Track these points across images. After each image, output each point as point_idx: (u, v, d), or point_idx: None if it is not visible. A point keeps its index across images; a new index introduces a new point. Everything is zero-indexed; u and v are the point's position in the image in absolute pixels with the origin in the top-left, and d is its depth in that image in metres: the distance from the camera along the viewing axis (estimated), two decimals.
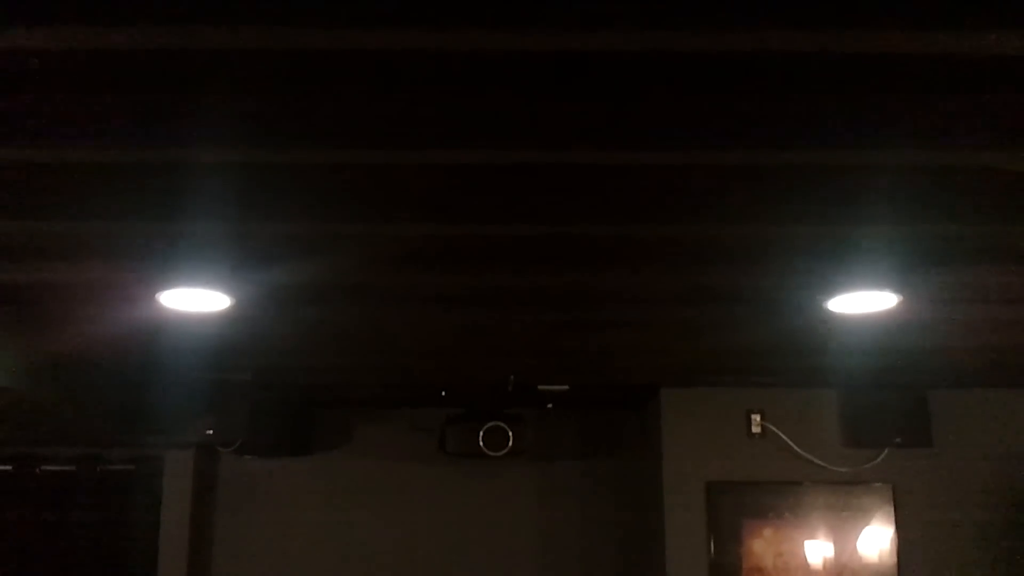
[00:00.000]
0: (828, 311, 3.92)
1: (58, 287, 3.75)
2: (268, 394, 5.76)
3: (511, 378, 5.41)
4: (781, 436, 5.78)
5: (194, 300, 3.76)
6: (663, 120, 2.41)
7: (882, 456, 5.74)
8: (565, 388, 5.88)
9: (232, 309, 3.88)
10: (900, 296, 3.74)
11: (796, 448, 5.76)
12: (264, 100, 2.32)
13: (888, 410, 5.68)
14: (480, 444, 6.00)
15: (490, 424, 6.01)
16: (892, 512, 5.71)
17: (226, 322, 4.15)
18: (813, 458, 5.75)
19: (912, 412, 5.69)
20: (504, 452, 5.99)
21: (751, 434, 5.81)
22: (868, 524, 5.70)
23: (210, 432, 6.10)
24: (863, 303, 3.82)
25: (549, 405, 6.40)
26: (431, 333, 4.56)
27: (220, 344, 4.67)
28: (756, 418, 5.81)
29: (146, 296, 3.73)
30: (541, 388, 5.84)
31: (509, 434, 5.99)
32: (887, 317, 4.02)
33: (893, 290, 3.68)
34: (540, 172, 2.75)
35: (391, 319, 4.29)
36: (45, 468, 6.31)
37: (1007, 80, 2.23)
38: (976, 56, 2.12)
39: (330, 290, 3.87)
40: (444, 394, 6.04)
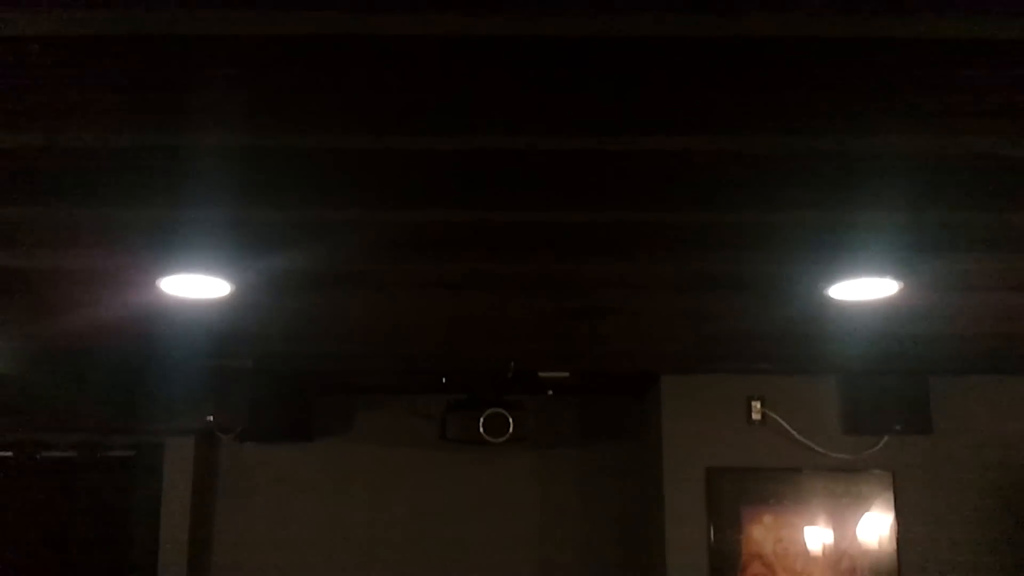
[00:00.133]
0: (829, 298, 3.92)
1: (58, 273, 3.75)
2: (269, 381, 5.76)
3: (511, 365, 5.41)
4: (781, 423, 5.78)
5: (194, 286, 3.76)
6: (663, 106, 2.40)
7: (882, 443, 5.75)
8: (566, 375, 5.88)
9: (232, 295, 3.88)
10: (901, 283, 3.74)
11: (796, 435, 5.76)
12: (264, 85, 2.31)
13: (888, 397, 5.69)
14: (480, 430, 6.00)
15: (491, 411, 6.00)
16: (892, 499, 5.72)
17: (226, 308, 4.15)
18: (813, 445, 5.76)
19: (912, 399, 5.70)
20: (504, 438, 5.99)
21: (751, 421, 5.82)
22: (868, 510, 5.71)
23: (211, 418, 6.11)
24: (864, 290, 3.82)
25: (550, 392, 6.40)
26: (432, 319, 4.56)
27: (220, 330, 4.67)
28: (756, 405, 5.81)
29: (146, 282, 3.73)
30: (542, 375, 5.84)
31: (509, 420, 5.99)
32: (888, 304, 4.02)
33: (894, 277, 3.68)
34: (540, 158, 2.74)
35: (392, 305, 4.29)
36: (46, 455, 6.31)
37: (1009, 66, 2.22)
38: (977, 41, 2.11)
39: (330, 276, 3.86)
40: (444, 380, 6.05)
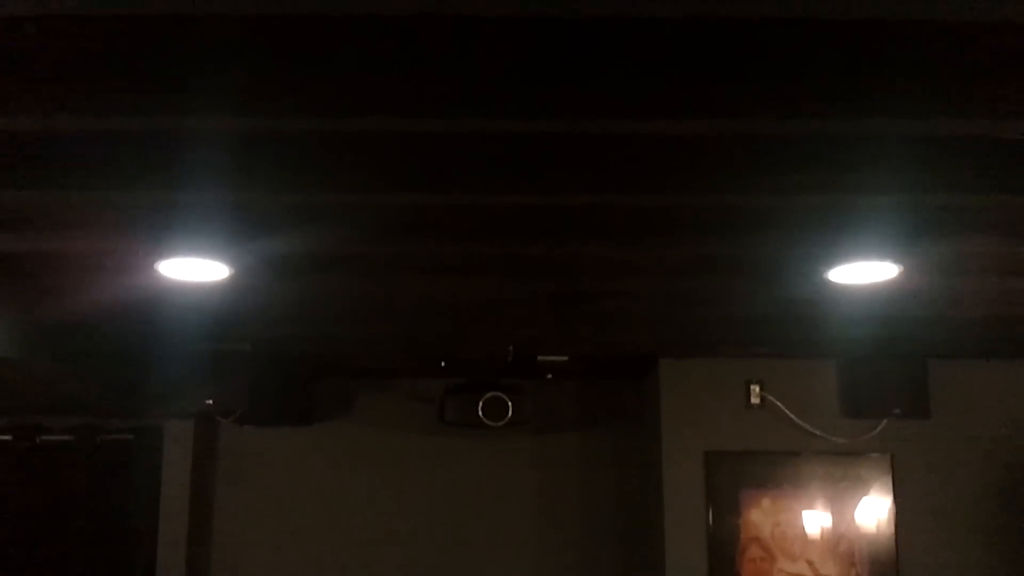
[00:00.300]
0: (828, 281, 3.92)
1: (56, 257, 3.74)
2: (268, 364, 5.76)
3: (510, 348, 5.41)
4: (780, 406, 5.79)
5: (193, 270, 3.75)
6: (664, 90, 2.39)
7: (881, 426, 5.75)
8: (564, 358, 5.88)
9: (231, 279, 3.88)
10: (900, 266, 3.73)
11: (795, 418, 5.77)
12: (263, 68, 2.30)
13: (887, 381, 5.69)
14: (479, 414, 6.01)
15: (489, 394, 6.01)
16: (890, 482, 5.73)
17: (225, 292, 4.14)
18: (812, 428, 5.76)
19: (911, 383, 5.70)
20: (503, 422, 6.00)
21: (750, 404, 5.82)
22: (866, 494, 5.72)
23: (210, 402, 6.11)
24: (863, 273, 3.81)
25: (548, 375, 6.41)
26: (430, 303, 4.56)
27: (219, 314, 4.67)
28: (755, 388, 5.81)
29: (145, 266, 3.72)
30: (540, 359, 5.85)
31: (508, 404, 6.00)
32: (887, 287, 4.02)
33: (893, 260, 3.67)
34: (541, 142, 2.74)
35: (391, 289, 4.29)
36: (44, 438, 6.33)
37: (1010, 48, 2.21)
38: (979, 24, 2.11)
39: (329, 260, 3.86)
40: (444, 364, 6.05)
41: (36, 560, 6.22)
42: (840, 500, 5.72)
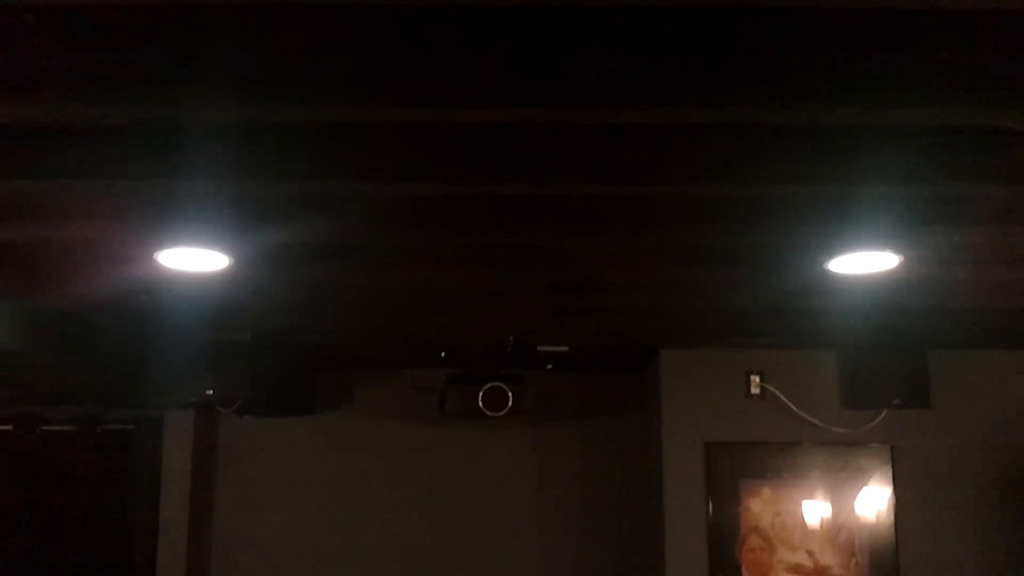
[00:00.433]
0: (829, 271, 3.92)
1: (56, 246, 3.74)
2: (268, 354, 5.76)
3: (511, 339, 5.41)
4: (780, 397, 5.79)
5: (192, 259, 3.75)
6: (663, 79, 2.39)
7: (881, 417, 5.75)
8: (565, 349, 5.88)
9: (231, 268, 3.88)
10: (901, 256, 3.73)
11: (795, 409, 5.77)
12: (263, 57, 2.30)
13: (887, 371, 5.69)
14: (480, 404, 6.01)
15: (490, 385, 6.01)
16: (890, 473, 5.73)
17: (225, 282, 4.14)
18: (812, 419, 5.77)
19: (911, 373, 5.70)
20: (504, 412, 6.01)
21: (750, 395, 5.82)
22: (866, 484, 5.73)
23: (210, 392, 6.12)
24: (864, 263, 3.81)
25: (549, 366, 6.40)
26: (431, 293, 4.56)
27: (219, 304, 4.67)
28: (755, 379, 5.81)
29: (144, 255, 3.72)
30: (541, 349, 5.84)
31: (509, 394, 6.00)
32: (888, 278, 4.02)
33: (894, 250, 3.67)
34: (540, 132, 2.73)
35: (391, 279, 4.28)
36: (45, 428, 6.33)
37: (1011, 38, 2.20)
38: (979, 13, 2.10)
39: (329, 249, 3.85)
40: (444, 355, 6.05)
41: (37, 550, 6.23)
42: (840, 490, 5.72)
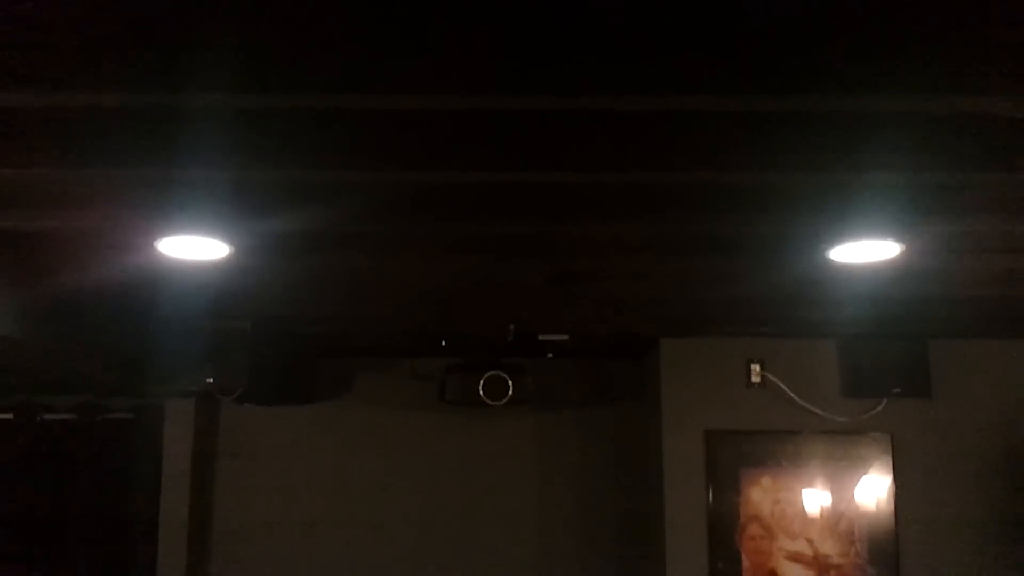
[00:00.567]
0: (830, 260, 3.91)
1: (55, 234, 3.73)
2: (268, 343, 5.76)
3: (511, 327, 5.41)
4: (780, 386, 5.79)
5: (193, 248, 3.75)
6: (663, 66, 2.38)
7: (881, 406, 5.75)
8: (565, 338, 5.88)
9: (231, 257, 3.87)
10: (902, 245, 3.72)
11: (795, 398, 5.77)
12: (263, 44, 2.29)
13: (888, 360, 5.69)
14: (480, 393, 6.01)
15: (490, 373, 6.02)
16: (890, 461, 5.74)
17: (225, 270, 4.13)
18: (812, 408, 5.77)
19: (912, 362, 5.70)
20: (504, 401, 6.01)
21: (750, 384, 5.83)
22: (866, 473, 5.73)
23: (211, 381, 6.11)
24: (865, 252, 3.80)
25: (549, 354, 6.40)
26: (431, 282, 4.55)
27: (220, 292, 4.67)
28: (756, 368, 5.82)
29: (144, 244, 3.72)
30: (541, 338, 5.84)
31: (509, 383, 6.01)
32: (889, 266, 4.01)
33: (895, 239, 3.66)
34: (541, 120, 2.72)
35: (391, 267, 4.28)
36: (46, 417, 6.34)
37: (1014, 24, 2.19)
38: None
39: (329, 238, 3.85)
40: (444, 343, 6.05)
41: (37, 538, 6.24)
42: (840, 479, 5.73)
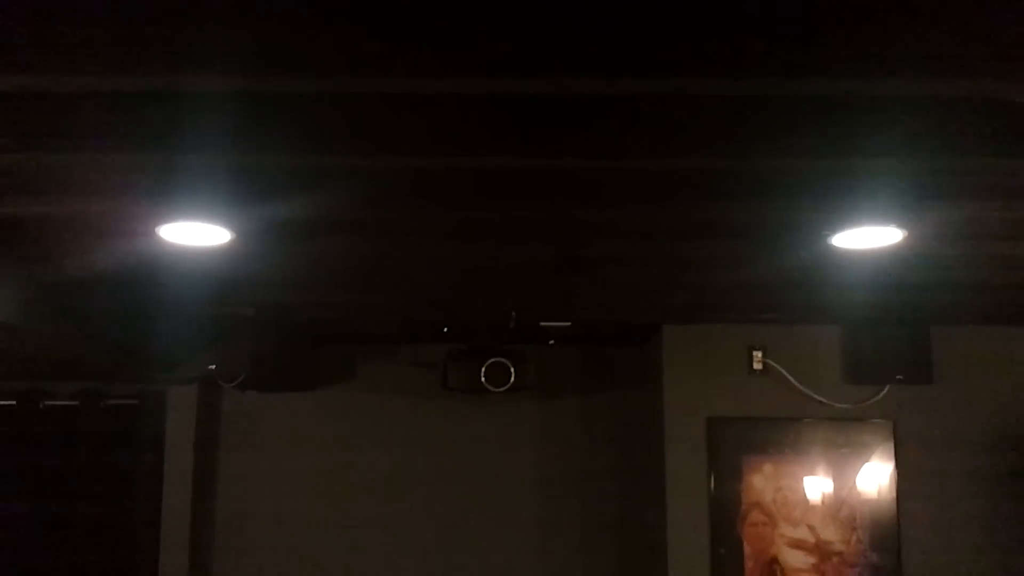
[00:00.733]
0: (832, 246, 3.90)
1: (57, 220, 3.73)
2: (270, 329, 5.76)
3: (513, 314, 5.40)
4: (782, 372, 5.79)
5: (195, 234, 3.74)
6: (665, 50, 2.37)
7: (883, 392, 5.76)
8: (567, 324, 5.88)
9: (233, 243, 3.86)
10: (905, 231, 3.71)
11: (797, 384, 5.77)
12: (263, 27, 2.28)
13: (890, 347, 5.69)
14: (482, 380, 6.01)
15: (492, 360, 6.02)
16: (892, 448, 5.74)
17: (227, 256, 4.13)
18: (814, 394, 5.77)
19: (914, 349, 5.70)
20: (506, 388, 6.01)
21: (752, 370, 5.83)
22: (868, 460, 5.73)
23: (213, 367, 6.14)
24: (868, 238, 3.79)
25: (551, 341, 6.41)
26: (433, 268, 4.55)
27: (221, 279, 4.66)
28: (758, 354, 5.82)
29: (146, 229, 3.71)
30: (543, 324, 5.84)
31: (511, 370, 6.01)
32: (892, 252, 4.00)
33: (898, 225, 3.66)
34: (543, 104, 2.71)
35: (394, 254, 4.27)
36: (48, 403, 6.34)
37: (1016, 8, 2.18)
38: None
39: (332, 224, 3.84)
40: (446, 330, 6.05)
41: (40, 524, 6.25)
42: (842, 466, 5.73)
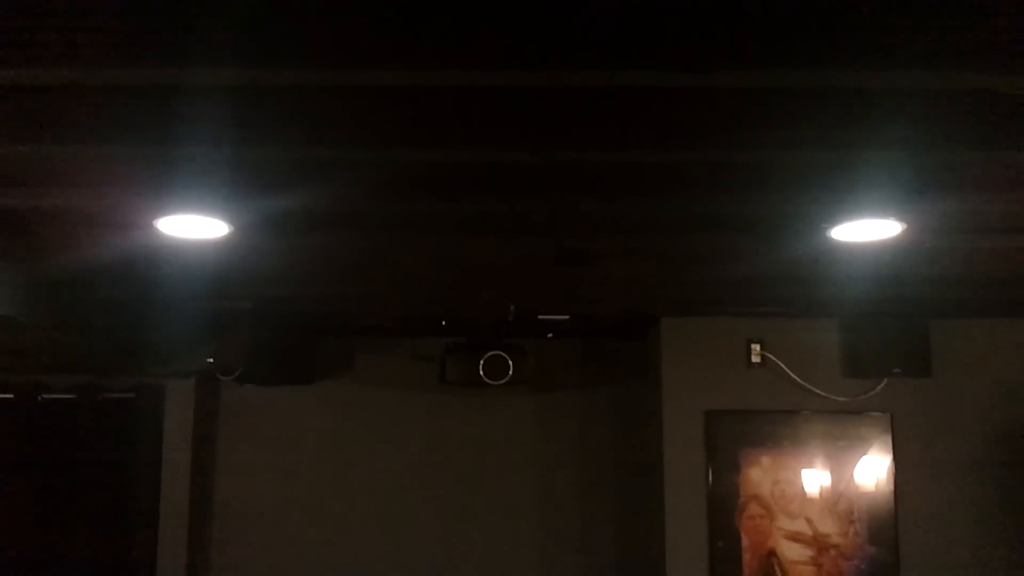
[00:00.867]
0: (831, 240, 3.90)
1: (55, 213, 3.73)
2: (268, 323, 5.76)
3: (511, 307, 5.40)
4: (781, 366, 5.79)
5: (192, 227, 3.73)
6: (664, 44, 2.36)
7: (881, 386, 5.76)
8: (565, 318, 5.88)
9: (230, 236, 3.86)
10: (904, 224, 3.71)
11: (795, 377, 5.77)
12: (261, 21, 2.28)
13: (888, 340, 5.69)
14: (480, 373, 6.01)
15: (490, 353, 6.02)
16: (890, 441, 5.74)
17: (225, 249, 4.12)
18: (812, 387, 5.77)
19: (912, 342, 5.70)
20: (504, 381, 6.01)
21: (751, 364, 5.83)
22: (866, 453, 5.74)
23: (211, 360, 6.13)
24: (866, 231, 3.79)
25: (549, 334, 6.40)
26: (431, 261, 4.54)
27: (219, 272, 4.65)
28: (756, 348, 5.81)
29: (144, 222, 3.70)
30: (541, 317, 5.84)
31: (509, 363, 6.01)
32: (890, 246, 4.00)
33: (897, 218, 3.65)
34: (541, 97, 2.71)
35: (391, 247, 4.27)
36: (46, 397, 6.33)
37: (1014, 4, 2.18)
38: None
39: (329, 217, 3.84)
40: (444, 323, 6.05)
41: (39, 518, 6.24)
42: (840, 459, 5.74)
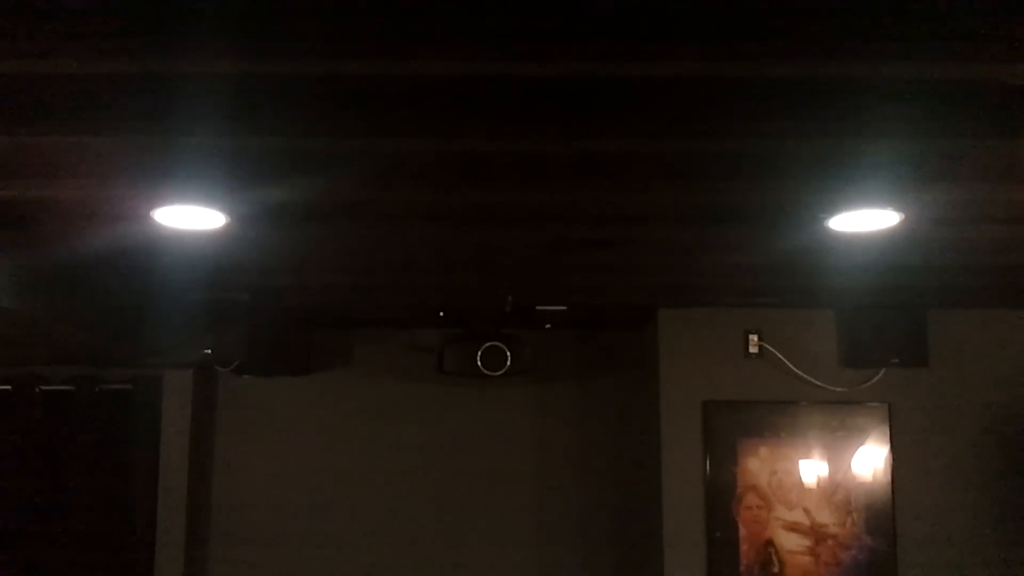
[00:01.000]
0: (829, 230, 3.90)
1: (51, 204, 3.71)
2: (266, 314, 5.75)
3: (509, 298, 5.40)
4: (778, 356, 5.79)
5: (189, 218, 3.73)
6: (663, 33, 2.36)
7: (879, 376, 5.76)
8: (563, 308, 5.87)
9: (228, 227, 3.85)
10: (902, 214, 3.71)
11: (793, 368, 5.77)
12: (258, 9, 2.27)
13: (886, 330, 5.69)
14: (478, 364, 6.02)
15: (488, 344, 6.02)
16: (887, 431, 5.75)
17: (222, 240, 4.12)
18: (810, 378, 5.77)
19: (910, 332, 5.70)
20: (502, 372, 6.02)
21: (748, 354, 5.83)
22: (863, 443, 5.74)
23: (208, 352, 6.12)
24: (865, 221, 3.80)
25: (547, 325, 6.40)
26: (429, 252, 4.54)
27: (217, 263, 4.65)
28: (754, 338, 5.81)
29: (140, 213, 3.70)
30: (539, 308, 5.84)
31: (507, 354, 6.01)
32: (888, 236, 4.01)
33: (895, 208, 3.65)
34: (537, 87, 2.70)
35: (389, 238, 4.27)
36: (43, 388, 6.33)
37: None
38: None
39: (327, 208, 3.83)
40: (442, 314, 6.04)
41: (36, 510, 6.24)
42: (837, 449, 5.74)
